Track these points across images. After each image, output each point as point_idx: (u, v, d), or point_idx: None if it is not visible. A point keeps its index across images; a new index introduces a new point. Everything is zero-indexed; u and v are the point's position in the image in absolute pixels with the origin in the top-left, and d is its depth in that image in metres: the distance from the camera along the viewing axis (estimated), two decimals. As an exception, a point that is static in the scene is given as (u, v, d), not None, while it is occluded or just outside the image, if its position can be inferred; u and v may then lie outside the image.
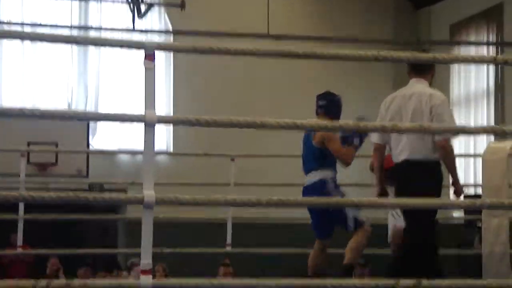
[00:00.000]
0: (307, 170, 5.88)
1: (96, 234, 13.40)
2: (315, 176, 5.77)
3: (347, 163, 5.72)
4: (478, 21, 12.49)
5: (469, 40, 12.50)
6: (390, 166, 4.90)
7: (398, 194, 4.64)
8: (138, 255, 3.25)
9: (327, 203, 3.75)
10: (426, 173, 4.59)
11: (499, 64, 10.55)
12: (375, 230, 5.80)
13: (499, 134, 4.16)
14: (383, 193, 4.91)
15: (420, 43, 12.41)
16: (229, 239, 7.10)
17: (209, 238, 8.56)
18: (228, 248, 7.15)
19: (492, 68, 12.12)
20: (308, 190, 5.74)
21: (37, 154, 9.62)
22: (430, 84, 4.90)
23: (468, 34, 12.72)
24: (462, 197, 4.94)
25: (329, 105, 5.92)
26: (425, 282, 3.29)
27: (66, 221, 8.20)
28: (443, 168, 4.81)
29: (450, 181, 4.92)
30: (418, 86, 4.78)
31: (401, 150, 4.66)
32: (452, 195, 4.83)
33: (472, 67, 12.48)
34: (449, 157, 4.62)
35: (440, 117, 4.55)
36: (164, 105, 12.19)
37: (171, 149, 12.32)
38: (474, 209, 8.45)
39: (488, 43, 12.16)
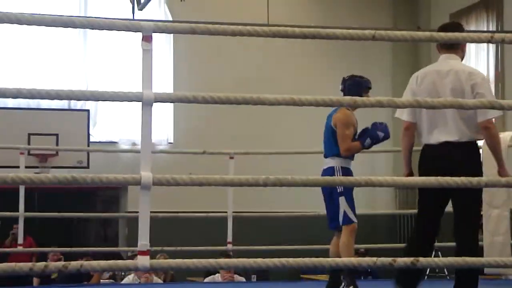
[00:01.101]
0: (324, 155, 5.71)
1: (97, 224, 13.44)
2: (327, 163, 5.62)
3: (344, 151, 5.55)
4: (478, 10, 12.49)
5: (469, 29, 12.48)
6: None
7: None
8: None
9: (326, 182, 3.72)
10: (471, 156, 4.27)
11: (496, 44, 10.53)
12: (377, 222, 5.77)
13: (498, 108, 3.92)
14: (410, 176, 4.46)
15: (420, 31, 12.36)
16: (230, 237, 7.03)
17: (209, 234, 8.57)
18: (229, 246, 7.08)
19: (492, 56, 12.11)
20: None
21: (38, 145, 9.62)
22: (462, 60, 4.44)
23: (468, 22, 12.70)
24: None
25: (347, 88, 5.74)
26: (422, 259, 3.29)
27: (68, 211, 8.18)
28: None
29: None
30: (452, 62, 4.37)
31: (440, 131, 4.28)
32: None
33: (472, 55, 12.47)
34: (493, 139, 4.28)
35: (482, 96, 4.17)
36: (164, 89, 12.27)
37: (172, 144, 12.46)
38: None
39: (488, 32, 12.15)
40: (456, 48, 4.36)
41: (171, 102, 4.04)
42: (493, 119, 4.29)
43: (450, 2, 13.05)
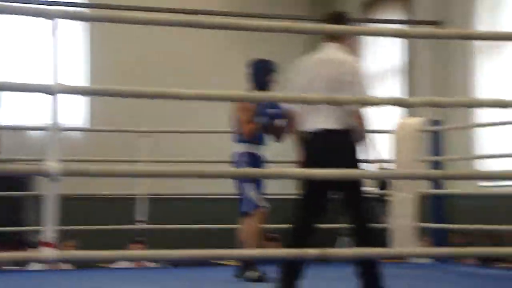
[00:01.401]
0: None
1: (3, 210, 13.08)
2: (234, 148, 5.77)
3: (244, 135, 5.72)
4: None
5: (381, 18, 12.72)
6: None
7: (317, 165, 4.32)
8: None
9: (228, 174, 3.68)
10: (348, 142, 4.44)
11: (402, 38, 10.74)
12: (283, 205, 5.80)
13: (404, 106, 4.08)
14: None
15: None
16: (142, 216, 7.03)
17: (121, 214, 8.49)
18: (140, 225, 7.08)
19: (402, 46, 12.37)
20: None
21: None
22: (347, 52, 4.55)
23: (380, 12, 12.94)
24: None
25: (252, 73, 5.84)
26: (331, 250, 3.34)
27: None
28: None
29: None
30: (333, 51, 4.55)
31: (319, 118, 4.41)
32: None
33: (384, 45, 12.71)
34: (363, 126, 4.47)
35: (356, 85, 4.38)
36: (81, 79, 12.05)
37: (88, 126, 12.28)
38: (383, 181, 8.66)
39: (398, 22, 12.38)
40: (339, 38, 4.46)
41: (78, 95, 3.99)
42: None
43: (362, -10, 13.26)
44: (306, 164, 4.41)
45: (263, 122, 5.66)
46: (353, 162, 4.35)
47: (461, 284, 5.72)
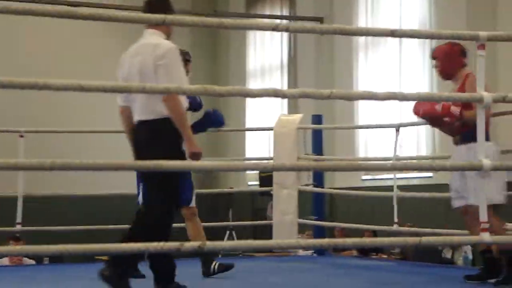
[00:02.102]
0: None
1: None
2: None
3: None
4: (272, -5, 12.89)
5: (264, 13, 12.85)
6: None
7: (137, 157, 4.16)
8: None
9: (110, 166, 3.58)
10: (159, 133, 4.16)
11: (280, 32, 10.92)
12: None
13: (281, 97, 4.00)
14: None
15: (217, 15, 12.55)
16: (19, 218, 6.78)
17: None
18: (19, 227, 6.83)
19: (286, 41, 12.56)
20: None
21: None
22: (167, 38, 4.31)
23: (263, 7, 13.08)
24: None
25: None
26: (209, 243, 3.35)
27: None
28: None
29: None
30: (147, 38, 4.31)
31: (137, 110, 4.21)
32: (188, 157, 4.15)
33: (268, 41, 12.86)
34: (175, 113, 4.11)
35: (163, 68, 4.11)
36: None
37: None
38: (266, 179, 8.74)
39: (281, 17, 12.55)
40: (156, 24, 4.18)
41: None
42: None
43: (246, -14, 13.37)
44: (134, 156, 4.24)
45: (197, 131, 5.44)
46: (165, 153, 3.91)
47: (336, 274, 5.87)
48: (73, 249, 3.09)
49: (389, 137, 9.28)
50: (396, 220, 6.22)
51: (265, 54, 13.00)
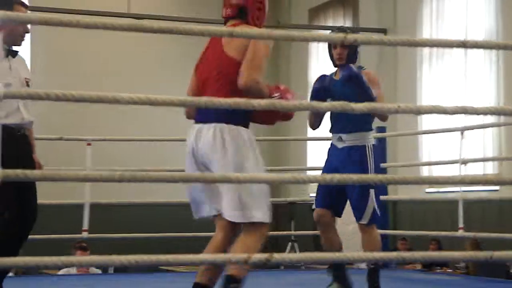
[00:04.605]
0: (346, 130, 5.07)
1: None
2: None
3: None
4: (335, 7, 12.85)
5: (327, 25, 12.82)
6: None
7: None
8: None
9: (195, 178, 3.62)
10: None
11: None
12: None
13: (349, 111, 3.90)
14: None
15: (280, 27, 12.58)
16: (85, 225, 6.89)
17: (65, 222, 8.37)
18: (85, 234, 6.94)
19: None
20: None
21: None
22: None
23: (326, 19, 13.05)
24: None
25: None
26: (276, 255, 3.33)
27: None
28: None
29: None
30: None
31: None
32: None
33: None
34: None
35: None
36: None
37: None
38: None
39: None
40: None
41: (22, 99, 3.90)
42: None
43: (308, -3, 13.38)
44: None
45: None
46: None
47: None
48: (141, 259, 3.11)
49: (453, 141, 9.21)
50: (461, 225, 6.08)
51: (328, 64, 12.94)
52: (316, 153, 12.90)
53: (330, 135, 5.10)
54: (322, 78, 5.11)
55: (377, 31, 11.58)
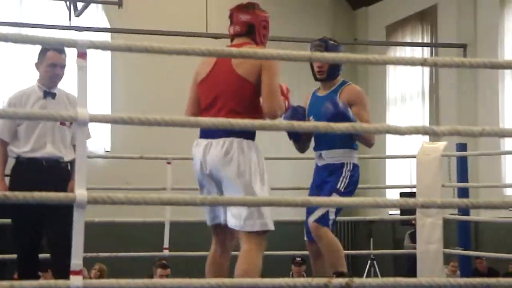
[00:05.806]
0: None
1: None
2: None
3: None
4: (413, 22, 12.72)
5: (405, 41, 12.71)
6: None
7: None
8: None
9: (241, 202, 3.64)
10: None
11: (430, 67, 10.74)
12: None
13: (430, 134, 3.92)
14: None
15: (357, 44, 12.54)
16: (166, 243, 6.97)
17: (146, 240, 8.49)
18: (166, 252, 7.02)
19: (427, 69, 12.34)
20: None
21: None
22: None
23: (404, 35, 12.93)
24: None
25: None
26: (357, 280, 3.31)
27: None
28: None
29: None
30: None
31: None
32: None
33: (407, 68, 12.68)
34: None
35: None
36: (102, 106, 12.07)
37: (109, 153, 12.26)
38: (408, 209, 8.62)
39: (422, 44, 12.37)
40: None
41: (106, 123, 4.01)
42: None
43: (386, 14, 13.25)
44: None
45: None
46: None
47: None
48: (223, 283, 3.13)
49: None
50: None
51: (406, 81, 12.83)
52: (395, 170, 12.78)
53: (404, 152, 5.06)
54: (293, 110, 4.79)
55: (456, 46, 11.41)
